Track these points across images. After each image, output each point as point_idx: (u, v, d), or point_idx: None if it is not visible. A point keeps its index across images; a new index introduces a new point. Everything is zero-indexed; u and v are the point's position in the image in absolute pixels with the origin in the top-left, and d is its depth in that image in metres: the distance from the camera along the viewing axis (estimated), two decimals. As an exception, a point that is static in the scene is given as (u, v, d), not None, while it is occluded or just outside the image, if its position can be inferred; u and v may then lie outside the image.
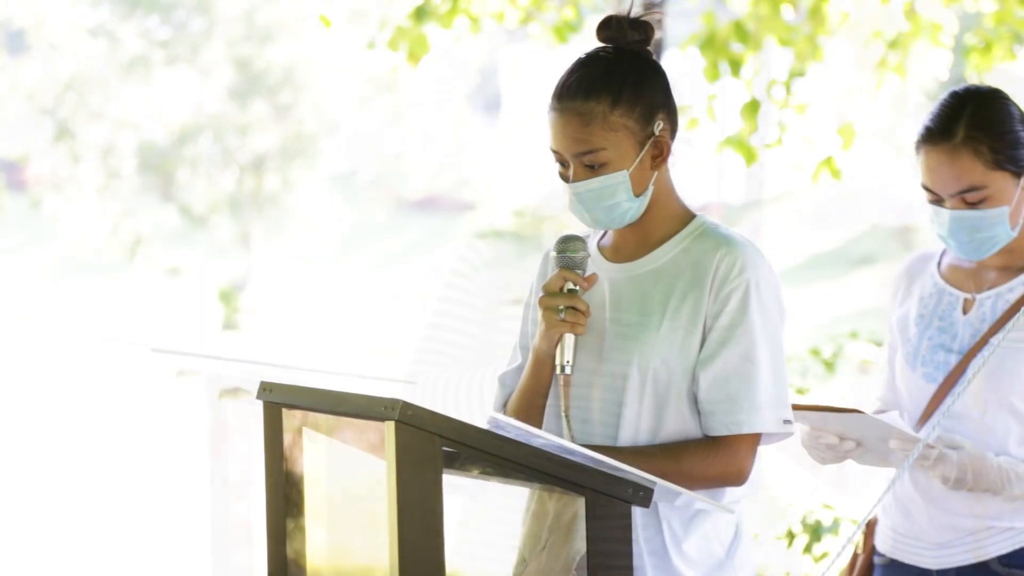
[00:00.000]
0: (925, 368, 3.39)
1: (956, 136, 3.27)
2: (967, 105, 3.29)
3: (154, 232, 35.24)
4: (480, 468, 2.65)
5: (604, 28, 2.97)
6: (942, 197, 3.29)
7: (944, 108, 3.31)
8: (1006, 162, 3.27)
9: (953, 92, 3.35)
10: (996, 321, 3.32)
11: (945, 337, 3.38)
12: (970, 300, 3.38)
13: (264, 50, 34.60)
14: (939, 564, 3.37)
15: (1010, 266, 3.37)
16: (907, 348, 3.42)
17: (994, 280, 3.37)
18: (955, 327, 3.37)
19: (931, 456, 3.25)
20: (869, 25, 7.49)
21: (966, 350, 3.34)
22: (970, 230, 3.27)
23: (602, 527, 2.55)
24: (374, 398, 2.46)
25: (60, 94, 34.33)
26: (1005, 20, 7.25)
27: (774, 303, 2.92)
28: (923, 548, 3.39)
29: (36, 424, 17.63)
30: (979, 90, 3.34)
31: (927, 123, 3.32)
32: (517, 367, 3.09)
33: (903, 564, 3.43)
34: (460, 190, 39.57)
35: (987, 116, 3.28)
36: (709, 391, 2.88)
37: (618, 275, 2.99)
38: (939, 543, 3.37)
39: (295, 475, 2.82)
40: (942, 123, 3.29)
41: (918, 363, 3.40)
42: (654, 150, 2.94)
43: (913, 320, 3.44)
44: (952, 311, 3.39)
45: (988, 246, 3.29)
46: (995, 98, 3.32)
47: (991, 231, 3.27)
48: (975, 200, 3.26)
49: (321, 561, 2.79)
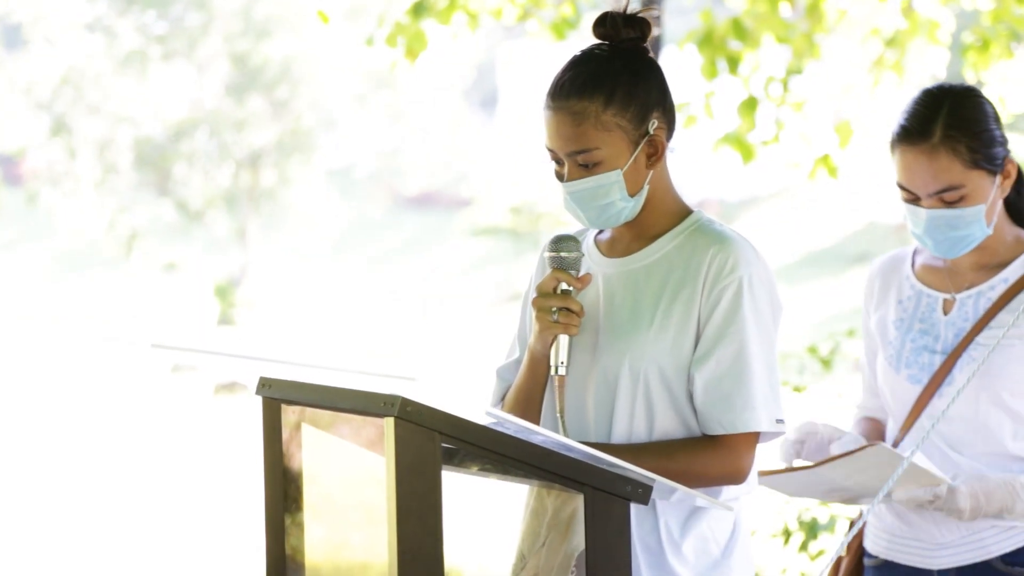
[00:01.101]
0: (909, 370, 3.38)
1: (934, 136, 3.26)
2: (943, 104, 3.28)
3: (150, 227, 35.25)
4: (479, 464, 2.65)
5: (599, 25, 2.95)
6: (918, 196, 3.28)
7: (919, 107, 3.30)
8: (983, 161, 3.26)
9: (927, 91, 3.33)
10: (980, 319, 3.32)
11: (928, 339, 3.37)
12: (950, 300, 3.38)
13: (261, 45, 34.59)
14: (940, 564, 3.36)
15: (985, 264, 3.37)
16: (888, 351, 3.42)
17: (972, 279, 3.38)
18: (937, 328, 3.37)
19: (941, 494, 3.24)
20: (867, 23, 7.49)
21: (950, 350, 3.34)
22: (946, 228, 3.27)
23: (601, 524, 2.55)
24: (373, 394, 2.46)
25: (57, 89, 34.33)
26: (1003, 18, 7.25)
27: (767, 301, 2.91)
28: (923, 548, 3.38)
29: (31, 419, 17.61)
30: (953, 88, 3.32)
31: (902, 122, 3.31)
32: (515, 360, 3.09)
33: (900, 565, 3.42)
34: (457, 186, 39.58)
35: (964, 115, 3.27)
36: (704, 390, 2.87)
37: (612, 271, 2.98)
38: (940, 543, 3.36)
39: (293, 471, 2.82)
40: (919, 122, 3.27)
41: (902, 365, 3.39)
42: (649, 149, 2.93)
43: (892, 323, 3.43)
44: (932, 312, 3.39)
45: (964, 244, 3.29)
46: (970, 96, 3.31)
47: (967, 229, 3.27)
48: (952, 199, 3.26)
49: (319, 557, 2.79)
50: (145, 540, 10.66)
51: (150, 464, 14.23)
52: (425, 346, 26.49)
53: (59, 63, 34.28)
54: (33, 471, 13.81)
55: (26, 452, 14.97)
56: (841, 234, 31.88)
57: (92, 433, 16.36)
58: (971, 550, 3.34)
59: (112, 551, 10.30)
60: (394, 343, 27.19)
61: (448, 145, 38.67)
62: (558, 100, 2.90)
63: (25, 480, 13.31)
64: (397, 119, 36.77)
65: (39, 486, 12.97)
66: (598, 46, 2.95)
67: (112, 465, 14.14)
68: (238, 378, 3.00)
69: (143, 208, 35.00)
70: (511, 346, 3.12)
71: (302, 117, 34.96)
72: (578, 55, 2.95)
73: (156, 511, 11.76)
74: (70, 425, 17.05)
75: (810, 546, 5.44)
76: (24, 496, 12.47)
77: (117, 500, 12.28)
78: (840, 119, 7.63)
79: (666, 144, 2.95)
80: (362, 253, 39.98)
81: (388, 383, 2.43)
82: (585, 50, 2.96)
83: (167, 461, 14.41)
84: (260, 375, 2.82)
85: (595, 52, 2.94)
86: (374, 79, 34.90)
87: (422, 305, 33.38)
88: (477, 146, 39.38)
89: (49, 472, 13.72)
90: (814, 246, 31.76)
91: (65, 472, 13.70)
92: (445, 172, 39.33)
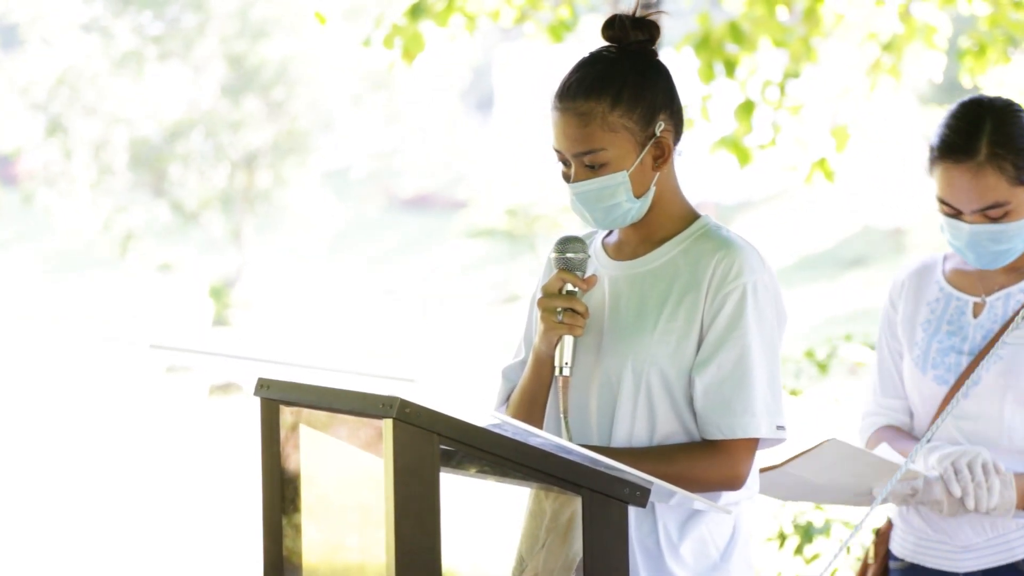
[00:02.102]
0: (936, 371, 3.39)
1: (979, 153, 3.24)
2: (985, 120, 3.26)
3: (146, 227, 35.21)
4: (478, 466, 2.65)
5: (608, 28, 2.97)
6: (960, 211, 3.28)
7: (961, 122, 3.28)
8: None
9: (966, 105, 3.31)
10: (1008, 319, 3.33)
11: (955, 340, 3.38)
12: (980, 303, 3.39)
13: (257, 46, 34.57)
14: (966, 567, 3.36)
15: (1018, 267, 3.38)
16: (915, 352, 3.42)
17: (1003, 281, 3.38)
18: (965, 330, 3.38)
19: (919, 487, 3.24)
20: (863, 27, 7.49)
21: (977, 351, 3.34)
22: (989, 243, 3.27)
23: (599, 526, 2.55)
24: (372, 395, 2.46)
25: (53, 89, 34.30)
26: (999, 23, 7.25)
27: (771, 308, 2.91)
28: (950, 551, 3.38)
29: (26, 419, 17.60)
30: (994, 103, 3.31)
31: (944, 137, 3.28)
32: (521, 361, 3.09)
33: (926, 568, 3.42)
34: (453, 188, 39.57)
35: (1008, 132, 3.26)
36: (704, 395, 2.88)
37: (618, 273, 2.99)
38: (966, 546, 3.36)
39: (291, 472, 2.82)
40: (962, 139, 3.26)
41: (928, 366, 3.39)
42: (655, 151, 2.93)
43: (920, 325, 3.43)
44: (961, 315, 3.39)
45: (1006, 257, 3.30)
46: (1012, 111, 3.29)
47: (1010, 243, 3.28)
48: (997, 216, 3.25)
49: (316, 559, 2.79)
50: (141, 541, 10.65)
51: (145, 465, 14.21)
52: (422, 347, 26.48)
53: (55, 63, 34.25)
54: (28, 472, 13.79)
55: (21, 453, 14.95)
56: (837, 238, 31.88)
57: (87, 434, 16.34)
58: (997, 552, 3.34)
59: (108, 552, 10.29)
60: (390, 344, 27.17)
61: (444, 147, 38.67)
62: (565, 101, 2.91)
63: (20, 481, 13.30)
64: (393, 121, 36.76)
65: (34, 487, 12.96)
66: (606, 48, 2.97)
67: (107, 466, 14.12)
68: (234, 379, 3.00)
69: (139, 208, 34.96)
70: (517, 347, 3.13)
71: (298, 118, 34.94)
72: (586, 57, 2.97)
73: (151, 512, 11.75)
74: (65, 426, 17.04)
75: (805, 550, 5.44)
76: (19, 497, 12.46)
77: (112, 501, 12.27)
78: (837, 123, 7.64)
79: (673, 147, 2.96)
80: (358, 254, 39.95)
81: (386, 384, 2.43)
82: (593, 52, 2.97)
83: (162, 462, 14.39)
84: (258, 376, 2.82)
85: (603, 54, 2.95)
86: (371, 80, 34.89)
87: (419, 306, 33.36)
88: (473, 148, 39.36)
89: (45, 473, 13.70)
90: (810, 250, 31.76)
91: (60, 473, 13.69)
92: (441, 174, 39.33)
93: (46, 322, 31.58)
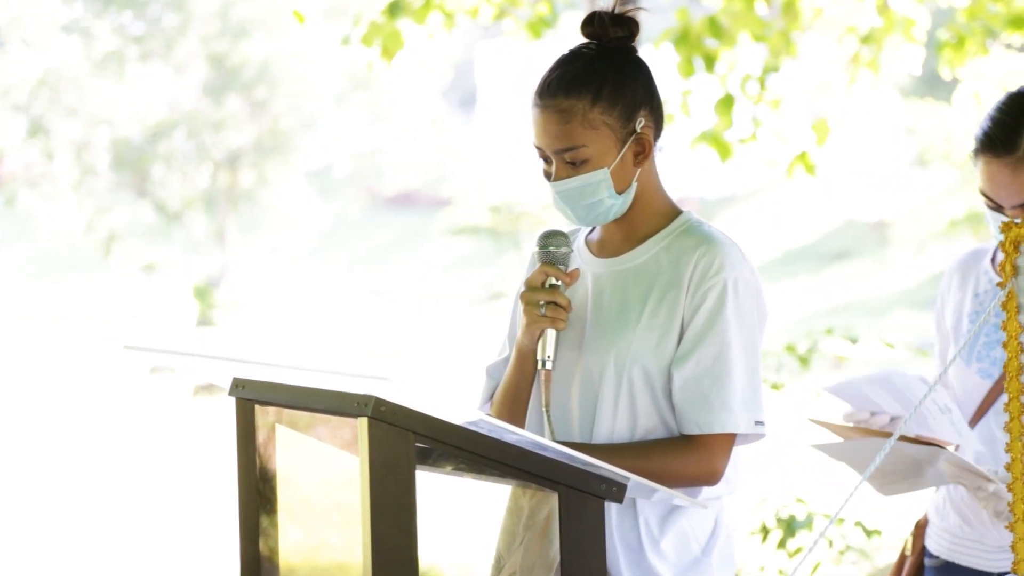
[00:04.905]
0: (980, 364, 3.37)
1: (1019, 149, 3.22)
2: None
3: (129, 228, 35.16)
4: (454, 464, 2.65)
5: (587, 24, 2.96)
6: (1002, 205, 3.27)
7: (1004, 116, 3.26)
8: None
9: (1013, 97, 3.28)
10: None
11: (1002, 333, 3.37)
12: None
13: (239, 46, 34.53)
14: (1001, 567, 3.35)
15: None
16: (961, 344, 3.41)
17: None
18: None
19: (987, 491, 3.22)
20: (842, 20, 7.50)
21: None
22: None
23: (576, 522, 2.55)
24: (347, 394, 2.45)
25: (34, 90, 34.23)
26: (978, 15, 7.26)
27: (752, 304, 2.90)
28: (985, 551, 3.38)
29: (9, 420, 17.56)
30: None
31: (986, 129, 3.27)
32: (505, 358, 3.09)
33: (961, 567, 3.42)
34: (437, 186, 39.55)
35: None
36: (682, 390, 2.87)
37: (601, 270, 2.99)
38: (1001, 545, 3.35)
39: (268, 471, 2.81)
40: (1003, 133, 3.23)
41: (973, 359, 3.38)
42: (636, 147, 2.93)
43: (968, 316, 3.42)
44: None
45: None
46: None
47: None
48: None
49: (294, 558, 2.78)
50: (123, 541, 10.64)
51: (128, 465, 14.19)
52: (406, 345, 26.47)
53: (36, 65, 34.18)
54: (11, 473, 13.76)
55: (6, 454, 14.92)
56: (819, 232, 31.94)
57: (72, 434, 16.31)
58: None
59: (90, 552, 10.28)
60: (375, 343, 27.16)
61: (427, 145, 38.66)
62: (545, 98, 2.91)
63: (4, 482, 13.27)
64: (376, 119, 36.76)
65: (17, 488, 12.93)
66: (586, 45, 2.96)
67: (91, 466, 14.10)
68: (213, 379, 2.99)
69: (121, 209, 34.91)
70: (501, 344, 3.13)
71: (280, 118, 34.91)
72: (566, 54, 2.96)
73: (134, 512, 11.73)
74: (49, 426, 17.01)
75: (788, 543, 5.45)
76: (2, 498, 12.43)
77: (95, 501, 12.25)
78: (817, 117, 7.65)
79: (654, 143, 2.95)
80: (342, 253, 39.94)
81: (362, 383, 2.42)
82: (573, 49, 2.96)
83: (145, 462, 14.37)
84: (234, 376, 2.81)
85: (583, 51, 2.95)
86: (353, 79, 34.88)
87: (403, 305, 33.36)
88: (456, 146, 39.36)
89: (27, 473, 13.68)
90: (792, 244, 31.81)
91: (44, 473, 13.66)
92: (424, 172, 39.32)
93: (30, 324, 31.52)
